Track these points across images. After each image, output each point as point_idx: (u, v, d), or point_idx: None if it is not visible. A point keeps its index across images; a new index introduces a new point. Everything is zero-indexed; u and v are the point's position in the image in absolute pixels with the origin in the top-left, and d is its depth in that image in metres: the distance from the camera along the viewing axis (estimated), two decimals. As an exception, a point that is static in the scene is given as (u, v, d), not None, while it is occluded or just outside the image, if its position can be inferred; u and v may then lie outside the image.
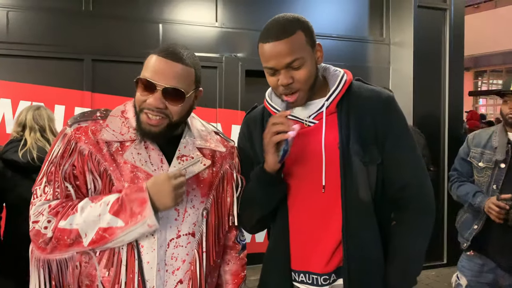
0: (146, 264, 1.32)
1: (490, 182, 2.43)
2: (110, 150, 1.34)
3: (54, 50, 4.09)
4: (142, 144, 1.36)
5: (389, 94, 1.47)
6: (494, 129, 2.55)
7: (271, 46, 1.34)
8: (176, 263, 1.37)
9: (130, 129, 1.38)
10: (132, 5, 4.39)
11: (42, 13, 4.10)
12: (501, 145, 2.42)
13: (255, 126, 1.57)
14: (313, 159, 1.42)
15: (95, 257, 1.32)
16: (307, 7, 4.91)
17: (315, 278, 1.44)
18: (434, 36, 5.10)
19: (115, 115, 1.41)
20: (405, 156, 1.44)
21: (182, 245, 1.38)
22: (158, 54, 1.33)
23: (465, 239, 2.49)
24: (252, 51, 4.67)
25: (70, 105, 4.11)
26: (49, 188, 1.31)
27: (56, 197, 1.30)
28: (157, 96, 1.30)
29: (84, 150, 1.32)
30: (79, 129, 1.36)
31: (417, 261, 1.46)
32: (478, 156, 2.51)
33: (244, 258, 1.65)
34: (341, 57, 4.94)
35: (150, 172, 1.34)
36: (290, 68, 1.34)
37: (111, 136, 1.35)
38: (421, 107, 4.96)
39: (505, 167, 2.38)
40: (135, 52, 4.23)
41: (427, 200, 1.46)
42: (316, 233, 1.44)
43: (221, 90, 4.56)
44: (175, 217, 1.37)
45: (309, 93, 1.41)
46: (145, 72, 1.32)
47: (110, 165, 1.32)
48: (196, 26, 4.58)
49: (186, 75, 1.34)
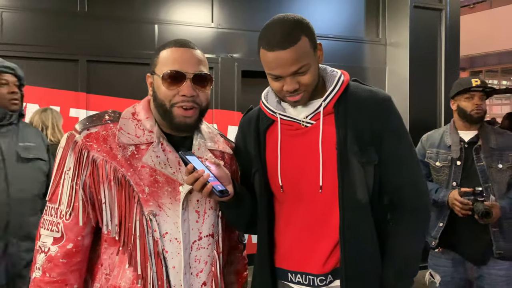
0: (172, 269, 1.30)
1: (449, 179, 2.54)
2: (126, 155, 1.30)
3: (48, 51, 4.07)
4: (159, 147, 1.33)
5: (386, 95, 1.47)
6: (444, 129, 2.68)
7: (276, 55, 1.31)
8: (200, 265, 1.36)
9: (145, 131, 1.34)
10: (127, 6, 4.37)
11: (37, 13, 4.08)
12: (454, 143, 2.55)
13: (249, 128, 1.57)
14: (310, 160, 1.42)
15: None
16: (303, 8, 4.91)
17: (311, 279, 1.44)
18: (430, 37, 5.12)
19: (126, 117, 1.37)
20: (402, 157, 1.44)
21: (204, 247, 1.37)
22: (173, 46, 1.34)
23: (432, 238, 2.56)
24: (248, 52, 4.67)
25: (65, 106, 4.09)
26: (64, 206, 1.29)
27: (70, 217, 1.29)
28: (188, 84, 1.30)
29: (98, 159, 1.28)
30: (89, 136, 1.30)
31: (413, 261, 1.46)
32: (434, 156, 2.62)
33: (245, 258, 1.66)
34: (337, 57, 4.94)
35: (169, 175, 1.32)
36: (295, 75, 1.35)
37: (127, 139, 1.31)
38: (417, 107, 4.98)
39: (461, 164, 2.51)
40: (130, 52, 4.23)
41: (422, 201, 1.46)
42: (314, 233, 1.44)
43: (217, 91, 4.55)
44: (196, 219, 1.35)
45: (312, 93, 1.42)
46: (166, 66, 1.31)
47: (127, 171, 1.28)
48: (192, 26, 4.57)
49: (204, 60, 1.37)
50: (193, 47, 1.35)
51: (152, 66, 1.36)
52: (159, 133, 1.35)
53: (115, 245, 1.31)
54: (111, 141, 1.30)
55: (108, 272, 1.32)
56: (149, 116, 1.38)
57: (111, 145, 1.30)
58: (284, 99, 1.43)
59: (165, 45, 1.36)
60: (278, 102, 1.50)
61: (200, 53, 1.36)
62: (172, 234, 1.30)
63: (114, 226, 1.28)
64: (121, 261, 1.30)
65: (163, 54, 1.34)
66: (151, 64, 1.38)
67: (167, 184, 1.31)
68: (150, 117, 1.37)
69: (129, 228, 1.28)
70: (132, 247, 1.27)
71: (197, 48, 1.36)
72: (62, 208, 1.29)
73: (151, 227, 1.28)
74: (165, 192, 1.31)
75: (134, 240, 1.27)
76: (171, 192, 1.31)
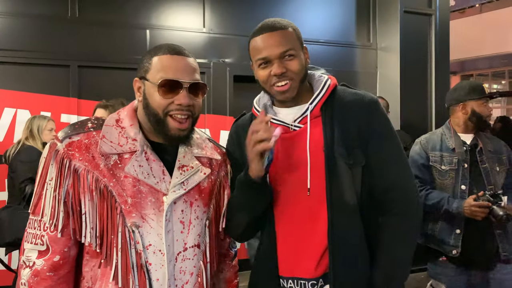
0: (155, 282, 1.26)
1: (456, 183, 2.49)
2: (108, 165, 1.25)
3: (39, 56, 4.05)
4: (143, 156, 1.29)
5: (373, 97, 1.48)
6: (441, 132, 2.63)
7: (264, 37, 1.38)
8: (185, 276, 1.32)
9: (128, 139, 1.30)
10: (118, 11, 4.37)
11: (28, 19, 4.06)
12: (458, 146, 2.51)
13: (243, 132, 1.57)
14: (298, 162, 1.42)
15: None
16: (295, 13, 4.92)
17: (303, 284, 1.43)
18: (420, 41, 5.16)
19: (109, 125, 1.32)
20: (389, 158, 1.44)
21: (189, 258, 1.33)
22: (168, 53, 1.30)
23: (452, 246, 2.47)
24: (240, 57, 4.68)
25: (56, 111, 4.07)
26: (47, 218, 1.25)
27: (55, 228, 1.25)
28: (185, 94, 1.27)
29: (79, 168, 1.24)
30: (71, 144, 1.26)
31: (403, 265, 1.45)
32: (438, 159, 2.54)
33: (236, 265, 1.63)
34: (328, 62, 4.95)
35: (153, 185, 1.28)
36: (283, 59, 1.38)
37: (109, 148, 1.27)
38: (408, 111, 5.01)
39: (468, 166, 2.47)
40: (121, 58, 4.22)
41: (411, 203, 1.45)
42: (303, 237, 1.43)
43: (209, 96, 4.55)
44: (181, 230, 1.31)
45: (299, 87, 1.42)
46: (161, 74, 1.27)
47: (110, 181, 1.24)
48: (184, 31, 4.57)
49: (198, 68, 1.35)
50: (187, 55, 1.32)
51: (142, 71, 1.31)
52: (143, 141, 1.31)
53: (97, 257, 1.27)
54: (93, 150, 1.26)
55: (90, 285, 1.29)
56: (133, 124, 1.33)
57: (93, 154, 1.26)
58: (271, 90, 1.43)
59: (158, 50, 1.31)
60: (269, 107, 1.51)
61: (193, 61, 1.34)
62: (156, 246, 1.26)
63: (94, 238, 1.24)
64: (103, 274, 1.26)
65: (156, 60, 1.29)
66: (140, 68, 1.33)
67: (150, 195, 1.27)
68: (134, 124, 1.33)
69: (111, 240, 1.24)
70: (115, 259, 1.23)
71: (191, 56, 1.34)
72: (45, 219, 1.25)
73: (134, 239, 1.24)
74: (148, 202, 1.27)
75: (116, 252, 1.23)
76: (155, 202, 1.28)
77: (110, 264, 1.24)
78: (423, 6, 5.18)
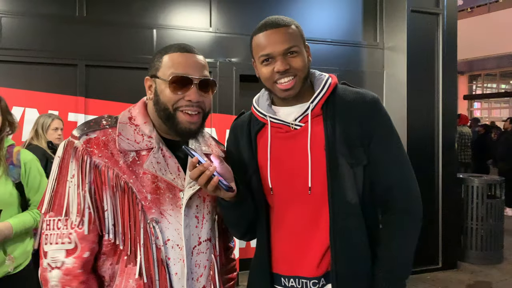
0: (174, 276, 1.30)
1: None
2: (127, 161, 1.27)
3: (47, 55, 4.08)
4: (159, 153, 1.32)
5: (374, 96, 1.48)
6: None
7: (268, 33, 1.38)
8: (199, 270, 1.37)
9: (144, 136, 1.32)
10: (126, 11, 4.39)
11: (36, 18, 4.10)
12: None
13: (242, 132, 1.58)
14: (299, 161, 1.43)
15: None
16: (301, 12, 4.92)
17: (304, 283, 1.44)
18: (428, 41, 5.13)
19: (124, 122, 1.34)
20: (390, 157, 1.44)
21: (203, 252, 1.38)
22: (178, 51, 1.33)
23: None
24: (247, 56, 4.68)
25: (63, 110, 4.10)
26: (73, 215, 1.24)
27: (82, 225, 1.24)
28: (194, 90, 1.30)
29: (100, 164, 1.25)
30: (89, 141, 1.27)
31: (404, 264, 1.44)
32: None
33: (235, 258, 1.69)
34: (335, 62, 4.96)
35: (170, 181, 1.31)
36: (286, 56, 1.38)
37: (127, 145, 1.29)
38: (415, 111, 4.98)
39: None
40: (128, 57, 4.23)
41: (412, 202, 1.45)
42: (305, 236, 1.44)
43: (216, 95, 4.54)
44: (196, 225, 1.36)
45: (302, 85, 1.42)
46: (172, 70, 1.29)
47: (129, 178, 1.26)
48: (191, 31, 4.59)
49: (207, 65, 1.37)
50: (197, 53, 1.36)
51: (153, 70, 1.34)
52: (158, 138, 1.34)
53: (114, 255, 1.29)
54: (112, 147, 1.28)
55: (109, 283, 1.30)
56: (147, 121, 1.35)
57: (112, 151, 1.27)
58: (274, 87, 1.42)
59: (168, 49, 1.34)
60: (269, 106, 1.51)
61: (203, 59, 1.36)
62: (174, 241, 1.30)
63: (118, 234, 1.26)
64: (123, 270, 1.27)
65: (167, 58, 1.32)
66: (151, 68, 1.36)
67: (168, 191, 1.30)
68: (147, 121, 1.35)
69: (135, 236, 1.26)
70: (139, 255, 1.25)
71: (199, 54, 1.37)
72: (72, 217, 1.24)
73: (154, 234, 1.27)
74: (166, 198, 1.30)
75: (139, 248, 1.26)
76: (172, 198, 1.31)
77: (133, 260, 1.27)
78: (430, 5, 5.14)
